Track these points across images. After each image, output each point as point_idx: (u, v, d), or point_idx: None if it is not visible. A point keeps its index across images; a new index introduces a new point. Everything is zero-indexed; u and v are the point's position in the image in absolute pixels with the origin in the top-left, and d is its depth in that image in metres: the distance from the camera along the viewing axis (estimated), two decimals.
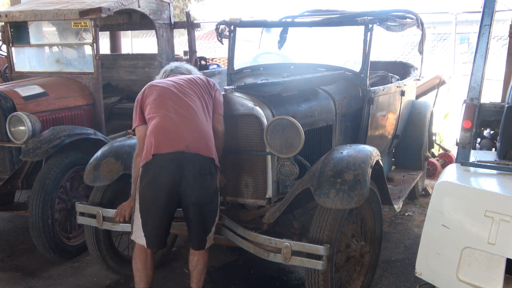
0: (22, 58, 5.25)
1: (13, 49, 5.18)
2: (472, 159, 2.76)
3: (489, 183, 2.51)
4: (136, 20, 6.26)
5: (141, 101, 3.14)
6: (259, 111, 3.22)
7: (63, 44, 5.55)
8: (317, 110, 3.61)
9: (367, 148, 3.18)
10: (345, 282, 3.30)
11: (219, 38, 4.71)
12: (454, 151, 6.21)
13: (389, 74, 5.09)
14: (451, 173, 2.62)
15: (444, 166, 6.09)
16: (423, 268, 2.55)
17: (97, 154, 3.54)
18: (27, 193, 4.35)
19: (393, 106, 4.58)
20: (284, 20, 5.33)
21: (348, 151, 3.08)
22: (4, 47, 5.31)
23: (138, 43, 13.00)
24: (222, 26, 4.62)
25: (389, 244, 4.41)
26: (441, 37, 10.99)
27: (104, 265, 3.67)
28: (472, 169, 2.65)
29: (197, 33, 9.47)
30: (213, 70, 6.44)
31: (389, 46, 11.05)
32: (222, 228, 3.23)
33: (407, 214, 5.19)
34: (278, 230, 3.40)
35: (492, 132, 4.06)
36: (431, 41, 10.93)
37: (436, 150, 6.72)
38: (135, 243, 3.10)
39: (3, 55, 5.68)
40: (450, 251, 2.41)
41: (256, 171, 3.31)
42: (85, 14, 4.70)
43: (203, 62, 6.52)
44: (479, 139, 4.06)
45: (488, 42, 2.64)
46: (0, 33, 5.25)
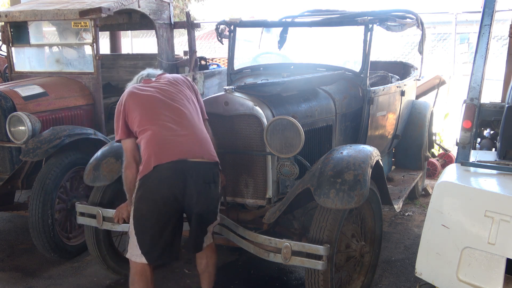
0: (22, 58, 5.25)
1: (13, 49, 5.18)
2: (472, 159, 2.76)
3: (489, 183, 2.51)
4: (136, 20, 6.26)
5: (123, 113, 2.93)
6: (259, 111, 3.22)
7: (63, 44, 5.56)
8: (317, 110, 3.61)
9: (367, 148, 3.18)
10: (345, 282, 3.30)
11: (219, 38, 4.70)
12: (454, 151, 6.21)
13: (389, 74, 5.09)
14: (451, 173, 2.62)
15: (444, 166, 6.09)
16: (423, 268, 2.55)
17: (97, 154, 3.54)
18: (27, 193, 4.35)
19: (393, 106, 4.58)
20: (284, 20, 5.33)
21: (348, 151, 3.08)
22: (4, 47, 5.31)
23: (138, 43, 13.00)
24: (222, 26, 4.62)
25: (389, 244, 4.41)
26: (441, 37, 10.99)
27: (104, 265, 3.67)
28: (472, 169, 2.65)
29: (197, 33, 9.47)
30: (213, 70, 6.44)
31: (389, 46, 11.05)
32: (222, 228, 3.22)
33: (407, 214, 5.19)
34: (278, 230, 3.40)
35: (492, 132, 4.05)
36: (431, 41, 10.93)
37: (436, 150, 6.72)
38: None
39: (3, 55, 5.68)
40: (450, 251, 2.41)
41: (256, 171, 3.31)
42: (85, 14, 4.70)
43: (203, 62, 6.52)
44: (479, 139, 4.06)
45: (488, 42, 2.63)
46: (0, 33, 5.25)
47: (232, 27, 4.46)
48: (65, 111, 4.70)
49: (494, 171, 2.63)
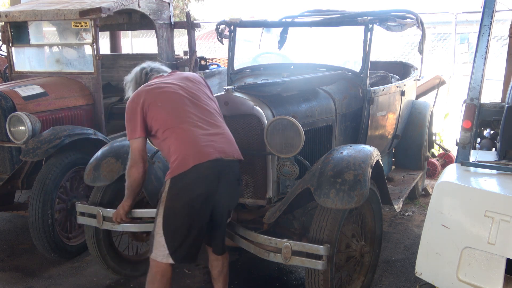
0: (22, 58, 5.25)
1: (13, 49, 5.18)
2: (472, 159, 2.76)
3: (489, 183, 2.51)
4: (136, 20, 6.26)
5: (142, 111, 2.82)
6: (259, 111, 3.22)
7: (63, 44, 5.56)
8: (317, 110, 3.61)
9: (367, 148, 3.18)
10: (345, 282, 3.30)
11: (219, 38, 4.70)
12: (454, 151, 6.21)
13: (389, 74, 5.09)
14: (451, 173, 2.62)
15: (444, 166, 6.09)
16: (423, 268, 2.55)
17: (97, 154, 3.54)
18: (27, 193, 4.35)
19: (393, 106, 4.58)
20: (284, 20, 5.33)
21: (348, 151, 3.08)
22: (4, 47, 5.31)
23: (138, 43, 13.00)
24: (222, 26, 4.62)
25: (389, 244, 4.41)
26: (441, 37, 10.99)
27: (104, 265, 3.67)
28: (472, 169, 2.65)
29: (197, 33, 9.47)
30: (213, 70, 6.44)
31: (389, 46, 11.06)
32: None
33: (407, 214, 5.19)
34: (278, 230, 3.40)
35: (492, 132, 4.05)
36: (431, 41, 10.93)
37: (436, 150, 6.72)
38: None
39: (3, 55, 5.68)
40: (450, 251, 2.41)
41: (256, 171, 3.31)
42: (85, 14, 4.70)
43: (203, 62, 6.52)
44: (479, 139, 4.06)
45: (488, 42, 2.63)
46: (0, 33, 5.25)
47: (232, 27, 4.46)
48: (65, 111, 4.70)
49: (494, 171, 2.63)
